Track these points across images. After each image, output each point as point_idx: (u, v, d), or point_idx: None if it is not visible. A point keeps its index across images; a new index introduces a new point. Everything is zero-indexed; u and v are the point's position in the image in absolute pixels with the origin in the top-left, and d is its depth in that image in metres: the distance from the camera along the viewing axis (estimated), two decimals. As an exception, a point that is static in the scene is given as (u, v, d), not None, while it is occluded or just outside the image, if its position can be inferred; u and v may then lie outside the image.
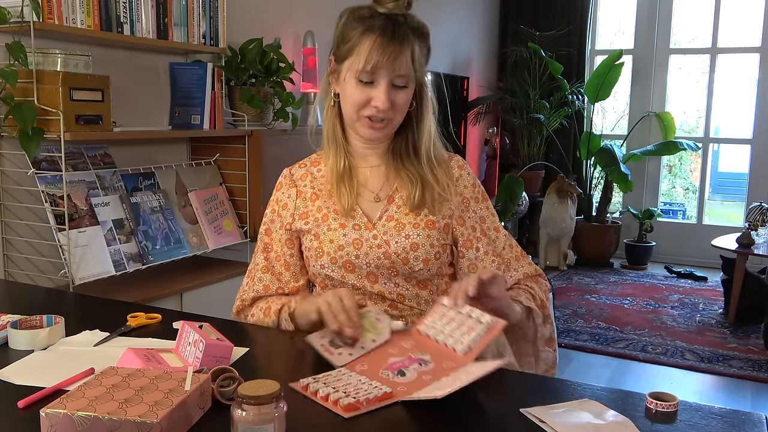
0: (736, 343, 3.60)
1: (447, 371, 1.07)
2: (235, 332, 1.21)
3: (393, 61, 1.26)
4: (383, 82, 1.28)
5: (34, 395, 0.97)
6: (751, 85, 5.33)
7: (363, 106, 1.30)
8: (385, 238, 1.33)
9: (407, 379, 1.05)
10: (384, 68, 1.26)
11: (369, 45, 1.26)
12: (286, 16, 3.33)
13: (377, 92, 1.28)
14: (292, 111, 2.90)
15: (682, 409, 0.97)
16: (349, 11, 1.31)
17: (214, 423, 0.91)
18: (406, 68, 1.28)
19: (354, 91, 1.30)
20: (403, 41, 1.26)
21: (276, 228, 1.43)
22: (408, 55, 1.27)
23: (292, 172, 1.49)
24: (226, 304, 2.59)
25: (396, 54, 1.26)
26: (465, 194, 1.40)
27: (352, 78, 1.30)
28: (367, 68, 1.26)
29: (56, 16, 2.06)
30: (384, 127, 1.33)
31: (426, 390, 1.01)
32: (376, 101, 1.28)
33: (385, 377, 1.06)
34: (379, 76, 1.28)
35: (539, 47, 5.14)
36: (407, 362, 1.10)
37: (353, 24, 1.29)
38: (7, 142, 2.18)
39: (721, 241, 4.11)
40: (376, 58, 1.25)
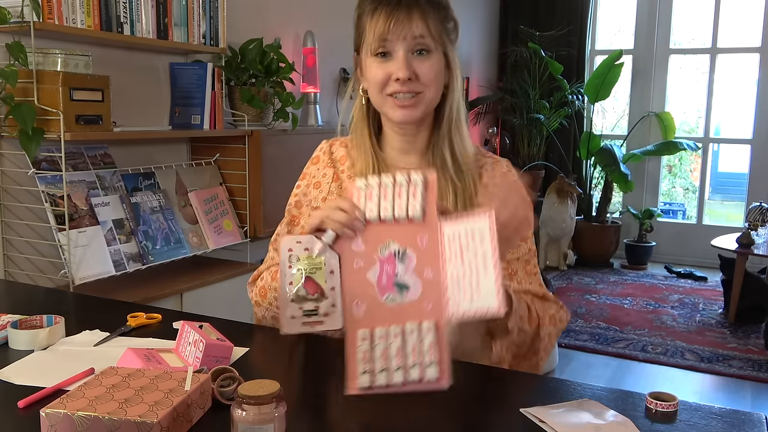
0: (736, 343, 3.60)
1: (429, 248, 0.97)
2: (235, 332, 1.21)
3: (403, 26, 1.17)
4: (400, 50, 1.18)
5: (34, 395, 0.97)
6: (751, 85, 5.33)
7: (385, 83, 1.20)
8: None
9: (415, 290, 0.97)
10: (395, 35, 1.17)
11: (376, 18, 1.19)
12: (286, 16, 3.33)
13: (395, 63, 1.18)
14: (292, 111, 2.90)
15: (682, 409, 0.97)
16: (358, 1, 1.26)
17: (214, 423, 0.91)
18: (420, 30, 1.17)
19: (373, 69, 1.21)
20: (411, 6, 1.17)
21: (306, 202, 1.34)
22: (420, 20, 1.17)
23: (332, 149, 1.37)
24: (226, 304, 2.60)
25: (405, 18, 1.17)
26: None
27: (370, 59, 1.22)
28: (377, 40, 1.18)
29: (56, 16, 2.06)
30: (414, 105, 1.20)
31: (462, 289, 0.93)
32: (395, 72, 1.18)
33: (392, 303, 0.97)
34: (394, 44, 1.18)
35: (539, 47, 5.14)
36: (386, 267, 0.98)
37: (363, 9, 1.24)
38: (7, 142, 2.18)
39: (721, 241, 4.11)
40: (384, 26, 1.17)
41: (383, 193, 1.01)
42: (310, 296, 1.00)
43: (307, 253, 1.01)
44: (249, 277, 2.69)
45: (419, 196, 0.99)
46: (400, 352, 0.93)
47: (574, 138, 5.54)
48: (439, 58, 1.21)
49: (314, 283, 0.99)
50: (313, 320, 1.00)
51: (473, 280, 0.93)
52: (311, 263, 1.00)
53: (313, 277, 0.99)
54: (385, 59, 1.19)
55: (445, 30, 1.21)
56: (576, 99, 5.31)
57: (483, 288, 0.91)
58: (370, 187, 1.02)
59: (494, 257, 0.91)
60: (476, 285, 0.92)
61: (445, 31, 1.22)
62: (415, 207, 0.98)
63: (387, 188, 1.01)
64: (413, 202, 0.99)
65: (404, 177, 1.01)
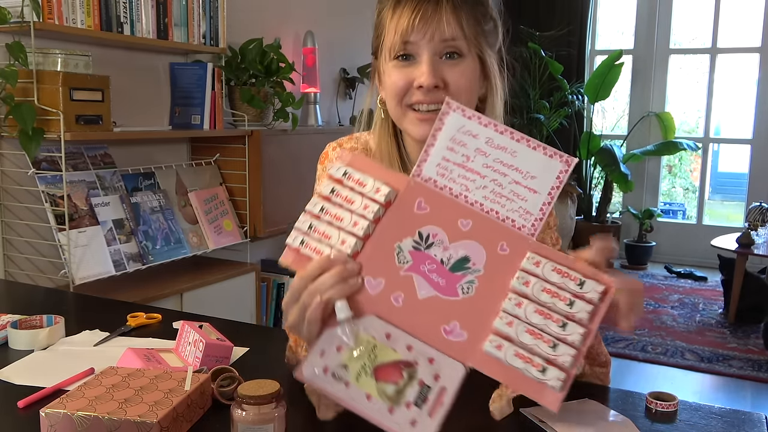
0: (736, 343, 3.60)
1: (439, 207, 0.76)
2: (235, 332, 1.21)
3: (430, 23, 0.97)
4: (425, 53, 0.98)
5: (34, 395, 0.97)
6: (751, 85, 5.33)
7: (405, 92, 1.00)
8: None
9: (477, 252, 0.75)
10: (420, 33, 0.97)
11: (398, 14, 0.99)
12: (286, 16, 3.33)
13: (419, 68, 0.98)
14: (292, 111, 2.90)
15: (682, 409, 0.97)
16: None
17: (214, 423, 0.91)
18: (452, 30, 0.97)
19: (393, 76, 1.01)
20: (439, 1, 0.97)
21: None
22: (451, 15, 0.97)
23: (341, 146, 1.18)
24: (226, 304, 2.60)
25: (432, 12, 0.97)
26: None
27: (390, 63, 1.01)
28: (399, 39, 0.98)
29: (56, 16, 2.06)
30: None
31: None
32: (419, 78, 0.97)
33: (472, 287, 0.74)
34: (419, 47, 0.98)
35: (539, 47, 5.14)
36: (424, 266, 0.75)
37: (382, 5, 1.04)
38: (7, 142, 2.18)
39: (721, 241, 4.11)
40: (407, 22, 0.97)
41: (343, 202, 0.78)
42: (400, 384, 0.72)
43: (346, 351, 0.73)
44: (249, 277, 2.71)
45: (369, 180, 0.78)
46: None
47: (574, 138, 5.54)
48: (473, 64, 1.01)
49: (388, 367, 0.72)
50: (434, 399, 0.72)
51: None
52: (363, 353, 0.73)
53: (381, 363, 0.72)
54: (407, 63, 1.00)
55: (482, 31, 1.01)
56: (576, 99, 5.31)
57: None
58: (325, 211, 0.78)
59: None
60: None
61: (483, 32, 1.01)
62: (380, 189, 0.77)
63: (340, 196, 0.79)
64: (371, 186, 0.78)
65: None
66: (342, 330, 0.73)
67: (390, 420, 0.71)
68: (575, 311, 0.71)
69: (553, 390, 0.70)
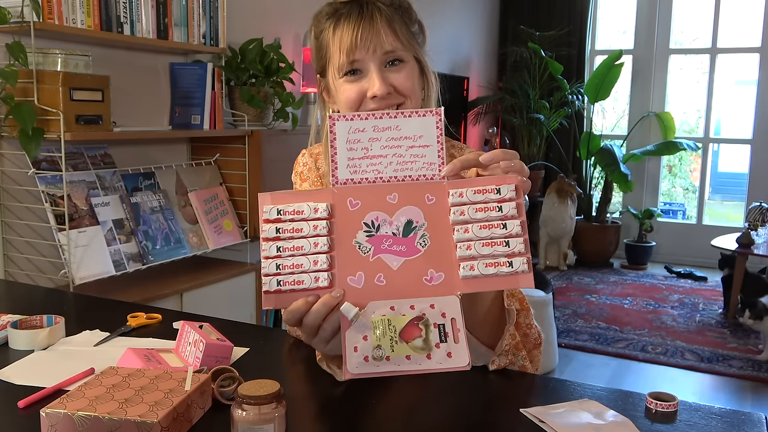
0: (736, 343, 3.60)
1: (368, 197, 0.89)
2: (235, 332, 1.21)
3: (371, 39, 1.08)
4: (372, 66, 1.09)
5: (34, 395, 0.97)
6: (751, 85, 5.33)
7: (360, 103, 1.11)
8: None
9: (418, 215, 0.90)
10: (364, 49, 1.08)
11: (339, 34, 1.10)
12: (286, 16, 3.33)
13: (369, 79, 1.09)
14: (292, 111, 2.90)
15: (682, 409, 0.97)
16: (313, 18, 1.18)
17: (214, 423, 0.91)
18: (391, 41, 1.09)
19: (345, 90, 1.11)
20: (374, 15, 1.08)
21: None
22: (387, 28, 1.09)
23: (307, 153, 1.35)
24: (226, 304, 2.60)
25: (370, 29, 1.08)
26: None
27: (339, 80, 1.12)
28: (345, 57, 1.09)
29: (56, 16, 2.06)
30: None
31: None
32: (371, 89, 1.09)
33: (426, 239, 0.89)
34: (364, 62, 1.09)
35: (539, 47, 5.14)
36: (383, 243, 0.88)
37: (320, 27, 1.15)
38: (7, 142, 2.18)
39: (721, 241, 4.11)
40: (349, 40, 1.08)
41: (293, 234, 0.88)
42: (423, 334, 0.85)
43: (371, 336, 0.84)
44: (249, 277, 2.70)
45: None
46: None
47: (574, 138, 5.54)
48: (413, 66, 1.13)
49: (407, 328, 0.85)
50: (451, 330, 0.85)
51: None
52: (384, 330, 0.85)
53: (401, 328, 0.85)
54: (356, 77, 1.10)
55: (412, 35, 1.13)
56: (576, 99, 5.31)
57: None
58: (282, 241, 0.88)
59: None
60: None
61: (413, 35, 1.13)
62: (317, 208, 0.87)
63: (287, 231, 0.88)
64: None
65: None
66: (358, 324, 0.84)
67: (433, 363, 0.84)
68: (506, 212, 0.88)
69: (524, 273, 0.87)
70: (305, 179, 1.32)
